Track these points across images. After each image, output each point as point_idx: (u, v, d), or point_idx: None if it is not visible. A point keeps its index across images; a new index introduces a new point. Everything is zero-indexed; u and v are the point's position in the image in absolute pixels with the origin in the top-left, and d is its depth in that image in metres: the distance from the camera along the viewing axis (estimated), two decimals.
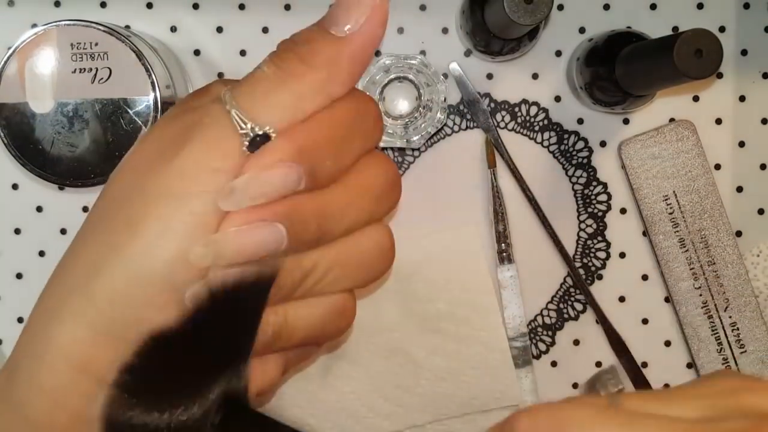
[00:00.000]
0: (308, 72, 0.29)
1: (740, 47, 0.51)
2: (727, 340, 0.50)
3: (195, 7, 0.50)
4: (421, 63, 0.48)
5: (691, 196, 0.50)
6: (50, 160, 0.42)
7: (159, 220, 0.28)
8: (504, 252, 0.51)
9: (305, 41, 0.30)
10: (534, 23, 0.40)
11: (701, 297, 0.50)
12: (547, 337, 0.52)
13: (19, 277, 0.52)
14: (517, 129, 0.51)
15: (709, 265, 0.49)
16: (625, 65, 0.45)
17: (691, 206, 0.49)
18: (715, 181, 0.50)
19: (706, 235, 0.49)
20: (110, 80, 0.42)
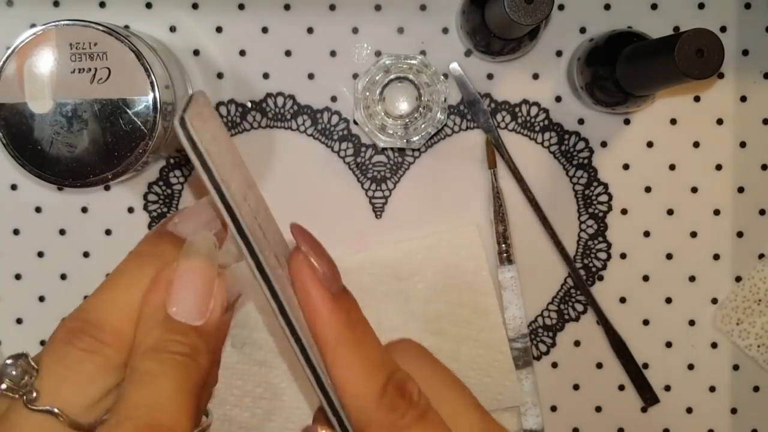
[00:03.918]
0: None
1: (741, 47, 0.51)
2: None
3: (194, 7, 0.50)
4: (421, 63, 0.48)
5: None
6: (49, 160, 0.42)
7: None
8: (505, 253, 0.51)
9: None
10: (534, 23, 0.40)
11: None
12: (548, 338, 0.52)
13: (18, 278, 0.52)
14: (517, 129, 0.51)
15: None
16: (626, 65, 0.45)
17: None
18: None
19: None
20: (109, 80, 0.42)
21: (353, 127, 0.51)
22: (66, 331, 0.26)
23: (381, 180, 0.51)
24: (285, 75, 0.51)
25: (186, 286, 0.27)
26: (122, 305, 0.27)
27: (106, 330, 0.26)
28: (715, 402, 0.53)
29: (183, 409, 0.26)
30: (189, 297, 0.27)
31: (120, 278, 0.28)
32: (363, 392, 0.26)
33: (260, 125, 0.51)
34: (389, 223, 0.52)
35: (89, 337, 0.26)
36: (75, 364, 0.26)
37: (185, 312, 0.27)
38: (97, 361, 0.26)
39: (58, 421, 0.25)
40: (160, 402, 0.25)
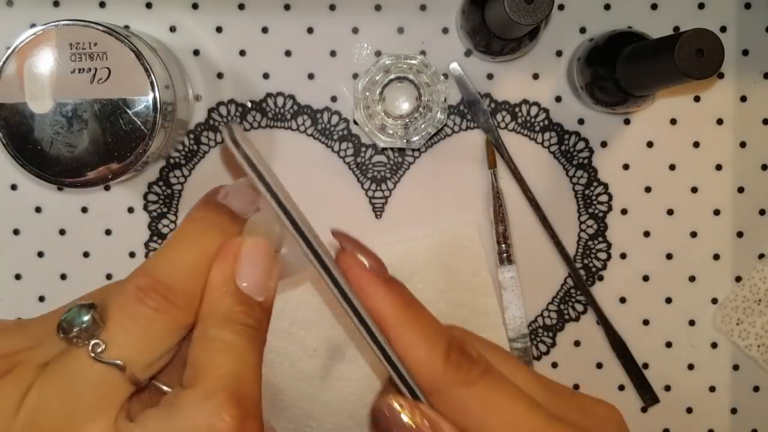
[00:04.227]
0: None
1: (741, 47, 0.51)
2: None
3: (194, 6, 0.50)
4: (421, 63, 0.48)
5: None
6: (49, 160, 0.42)
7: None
8: (504, 253, 0.51)
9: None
10: (534, 23, 0.40)
11: None
12: (548, 338, 0.52)
13: (17, 278, 0.52)
14: (517, 129, 0.51)
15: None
16: (626, 65, 0.45)
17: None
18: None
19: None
20: (109, 80, 0.42)
21: (353, 127, 0.51)
22: (137, 288, 0.27)
23: (381, 180, 0.51)
24: (285, 75, 0.51)
25: (252, 262, 0.28)
26: (189, 268, 0.28)
27: (177, 291, 0.27)
28: (715, 402, 0.53)
29: (258, 379, 0.27)
30: (255, 273, 0.28)
31: (184, 241, 0.29)
32: (429, 358, 0.28)
33: (260, 125, 0.51)
34: (389, 223, 0.52)
35: (161, 296, 0.27)
36: (145, 321, 0.27)
37: (252, 287, 0.28)
38: (166, 321, 0.27)
39: (120, 373, 0.26)
40: (243, 373, 0.27)
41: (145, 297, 0.27)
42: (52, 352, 0.27)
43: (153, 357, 0.27)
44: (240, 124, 0.31)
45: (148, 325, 0.27)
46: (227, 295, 0.28)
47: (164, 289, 0.27)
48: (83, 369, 0.26)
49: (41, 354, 0.27)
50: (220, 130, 0.29)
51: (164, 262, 0.28)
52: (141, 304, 0.27)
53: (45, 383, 0.26)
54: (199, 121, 0.51)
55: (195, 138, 0.51)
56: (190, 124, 0.51)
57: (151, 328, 0.27)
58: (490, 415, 0.27)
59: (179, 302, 0.27)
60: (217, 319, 0.28)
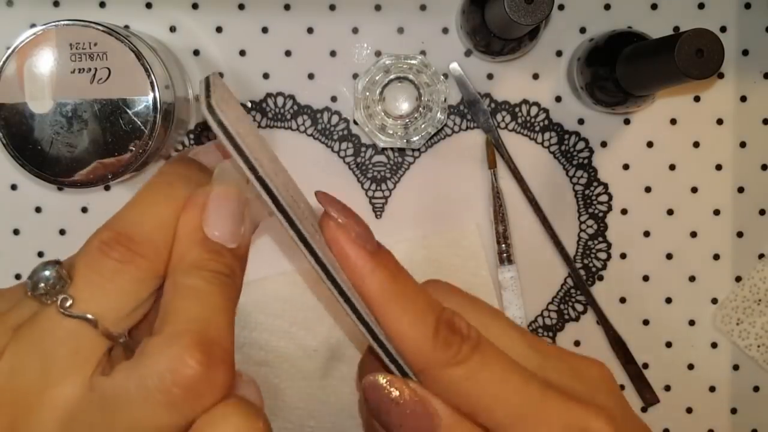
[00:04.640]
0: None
1: (741, 47, 0.51)
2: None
3: (194, 7, 0.50)
4: (421, 63, 0.48)
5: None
6: (49, 160, 0.42)
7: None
8: (504, 253, 0.51)
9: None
10: (534, 23, 0.40)
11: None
12: (548, 338, 0.52)
13: (17, 278, 0.52)
14: (517, 129, 0.51)
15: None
16: (626, 65, 0.45)
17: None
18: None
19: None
20: (109, 80, 0.42)
21: (353, 127, 0.51)
22: (100, 241, 0.27)
23: (381, 180, 0.51)
24: (285, 75, 0.51)
25: (221, 209, 0.28)
26: (155, 218, 0.28)
27: (141, 242, 0.27)
28: (715, 402, 0.53)
29: (229, 327, 0.27)
30: (224, 220, 0.28)
31: (150, 193, 0.29)
32: (417, 336, 0.27)
33: (260, 125, 0.51)
34: (389, 223, 0.52)
35: (124, 247, 0.27)
36: (111, 274, 0.26)
37: (221, 234, 0.28)
38: (132, 272, 0.26)
39: (92, 328, 0.26)
40: (211, 318, 0.26)
41: (109, 249, 0.26)
42: (26, 314, 0.26)
43: (124, 309, 0.27)
44: (220, 78, 0.29)
45: (113, 277, 0.26)
46: (195, 243, 0.27)
47: (127, 240, 0.27)
48: (54, 326, 0.26)
49: (15, 317, 0.26)
50: (199, 85, 0.28)
51: (128, 214, 0.28)
52: (105, 257, 0.26)
53: (17, 344, 0.26)
54: (199, 121, 0.51)
55: (195, 138, 0.51)
56: (190, 124, 0.51)
57: (117, 280, 0.26)
58: (482, 392, 0.27)
59: (144, 252, 0.27)
60: (186, 267, 0.27)
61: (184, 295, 0.26)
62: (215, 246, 0.28)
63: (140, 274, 0.27)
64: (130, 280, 0.27)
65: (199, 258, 0.27)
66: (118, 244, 0.27)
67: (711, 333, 0.53)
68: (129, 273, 0.26)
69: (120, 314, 0.26)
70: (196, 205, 0.28)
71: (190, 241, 0.28)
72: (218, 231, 0.28)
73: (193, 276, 0.27)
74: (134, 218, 0.28)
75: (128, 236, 0.27)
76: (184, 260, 0.27)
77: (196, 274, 0.27)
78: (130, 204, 0.28)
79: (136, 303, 0.27)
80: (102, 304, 0.26)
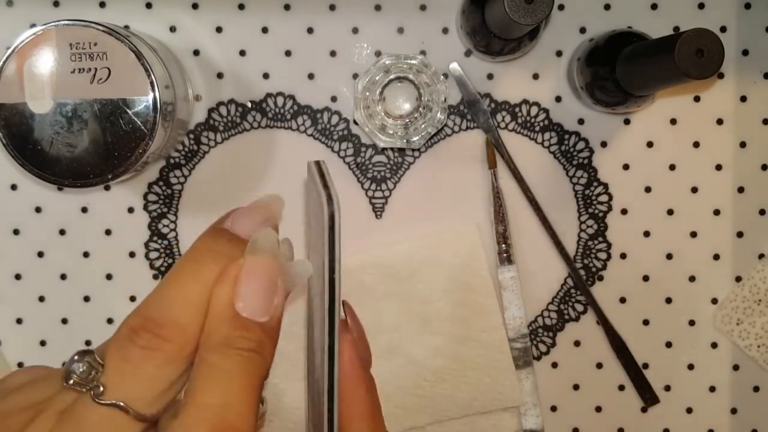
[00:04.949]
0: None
1: (741, 47, 0.51)
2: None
3: (194, 7, 0.50)
4: (421, 63, 0.48)
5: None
6: (49, 160, 0.42)
7: None
8: (504, 253, 0.51)
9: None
10: (534, 23, 0.40)
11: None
12: (548, 338, 0.52)
13: (18, 278, 0.52)
14: (517, 129, 0.51)
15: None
16: (626, 65, 0.45)
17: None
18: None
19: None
20: (109, 80, 0.41)
21: (353, 127, 0.51)
22: (128, 328, 0.27)
23: (381, 180, 0.51)
24: (285, 75, 0.51)
25: (252, 282, 0.28)
26: (182, 300, 0.28)
27: (167, 326, 0.27)
28: (715, 402, 0.53)
29: (251, 406, 0.27)
30: (255, 294, 0.28)
31: (179, 274, 0.29)
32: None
33: (260, 125, 0.51)
34: (389, 223, 0.52)
35: (150, 333, 0.27)
36: (138, 361, 0.27)
37: (252, 308, 0.28)
38: (159, 357, 0.27)
39: (124, 414, 0.27)
40: (231, 402, 0.27)
41: (136, 336, 0.27)
42: (69, 399, 0.28)
43: (155, 392, 0.27)
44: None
45: (141, 363, 0.27)
46: (225, 320, 0.28)
47: (153, 326, 0.27)
48: (90, 413, 0.27)
49: (61, 401, 0.28)
50: (330, 199, 0.30)
51: (156, 298, 0.28)
52: (132, 344, 0.27)
53: (60, 430, 0.27)
54: (199, 121, 0.51)
55: (195, 138, 0.51)
56: (190, 124, 0.51)
57: (144, 366, 0.27)
58: None
59: (170, 336, 0.27)
60: (213, 345, 0.28)
61: (207, 375, 0.27)
62: (244, 322, 0.28)
63: (167, 358, 0.27)
64: (157, 365, 0.27)
65: (227, 335, 0.28)
66: (144, 330, 0.27)
67: (711, 333, 0.53)
68: (156, 358, 0.27)
69: (151, 397, 0.27)
70: (229, 278, 0.28)
71: (220, 317, 0.28)
72: (249, 305, 0.28)
73: (218, 354, 0.27)
74: (162, 301, 0.28)
75: (154, 321, 0.27)
76: (213, 337, 0.28)
77: (222, 352, 0.27)
78: (160, 285, 0.29)
79: (168, 384, 0.28)
80: (132, 390, 0.27)
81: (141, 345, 0.27)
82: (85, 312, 0.52)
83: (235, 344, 0.27)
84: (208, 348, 0.28)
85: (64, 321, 0.52)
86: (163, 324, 0.27)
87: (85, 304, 0.52)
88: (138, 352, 0.27)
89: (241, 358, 0.27)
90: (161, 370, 0.27)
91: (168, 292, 0.28)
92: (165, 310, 0.28)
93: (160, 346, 0.27)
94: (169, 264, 0.51)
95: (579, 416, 0.53)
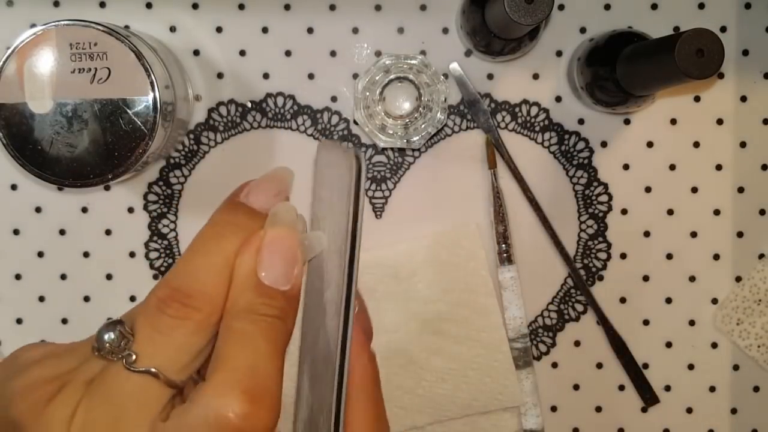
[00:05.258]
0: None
1: (741, 47, 0.51)
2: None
3: (194, 7, 0.50)
4: (421, 63, 0.48)
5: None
6: (49, 160, 0.42)
7: None
8: (504, 253, 0.51)
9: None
10: (534, 23, 0.40)
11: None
12: (548, 338, 0.52)
13: (18, 278, 0.52)
14: (517, 129, 0.51)
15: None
16: (626, 65, 0.45)
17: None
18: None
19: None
20: (109, 80, 0.41)
21: (353, 127, 0.51)
22: (157, 299, 0.28)
23: (381, 180, 0.51)
24: (285, 75, 0.51)
25: (274, 253, 0.30)
26: (207, 270, 0.29)
27: (195, 296, 0.29)
28: (715, 402, 0.53)
29: (277, 369, 0.29)
30: (277, 263, 0.29)
31: (202, 245, 0.30)
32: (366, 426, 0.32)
33: (260, 125, 0.51)
34: (389, 223, 0.52)
35: (179, 303, 0.28)
36: (168, 330, 0.28)
37: (274, 277, 0.29)
38: (188, 326, 0.28)
39: (156, 380, 0.28)
40: (259, 364, 0.28)
41: (165, 306, 0.28)
42: (98, 368, 0.28)
43: (184, 360, 0.28)
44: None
45: (171, 332, 0.28)
46: (248, 288, 0.29)
47: (182, 296, 0.28)
48: (121, 381, 0.27)
49: (87, 371, 0.28)
50: (356, 155, 0.32)
51: (182, 269, 0.29)
52: (162, 314, 0.28)
53: (90, 399, 0.27)
54: (199, 121, 0.51)
55: (195, 138, 0.51)
56: (190, 124, 0.51)
57: (175, 335, 0.28)
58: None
59: (198, 305, 0.28)
60: (238, 311, 0.29)
61: (234, 341, 0.28)
62: (267, 290, 0.29)
63: (196, 326, 0.28)
64: (186, 334, 0.28)
65: (251, 302, 0.29)
66: (173, 300, 0.28)
67: (711, 333, 0.53)
68: (185, 327, 0.28)
69: (181, 365, 0.28)
70: (251, 249, 0.30)
71: (243, 285, 0.29)
72: (272, 274, 0.29)
73: (244, 320, 0.29)
74: (188, 271, 0.29)
75: (182, 291, 0.28)
76: (237, 304, 0.29)
77: (247, 318, 0.29)
78: (184, 257, 0.30)
79: (196, 352, 0.29)
80: (163, 357, 0.28)
81: (171, 314, 0.28)
82: (85, 312, 0.52)
83: (259, 311, 0.29)
84: (233, 315, 0.29)
85: (64, 321, 0.52)
86: (191, 294, 0.28)
87: (85, 304, 0.52)
88: (168, 321, 0.28)
89: (266, 324, 0.29)
90: (191, 338, 0.28)
91: (193, 263, 0.29)
92: (192, 281, 0.29)
93: (190, 315, 0.28)
94: (169, 264, 0.51)
95: (579, 416, 0.53)
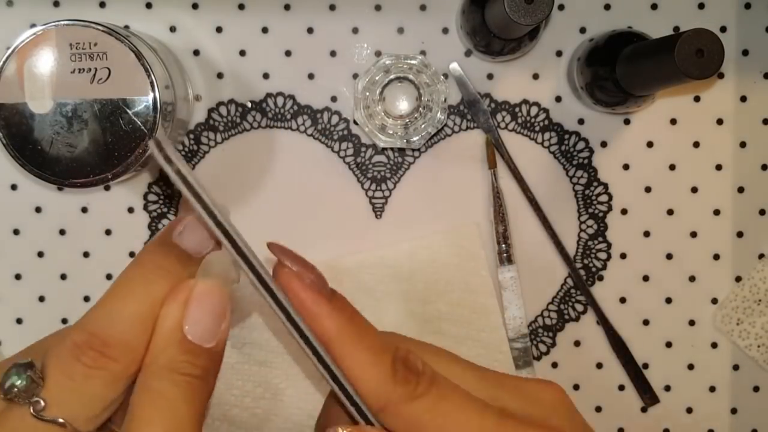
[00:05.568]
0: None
1: (741, 47, 0.51)
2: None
3: (194, 7, 0.50)
4: (421, 63, 0.48)
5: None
6: (49, 160, 0.42)
7: None
8: (504, 253, 0.51)
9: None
10: (534, 23, 0.40)
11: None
12: (548, 338, 0.52)
13: (18, 278, 0.52)
14: (517, 129, 0.51)
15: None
16: (626, 65, 0.45)
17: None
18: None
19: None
20: (109, 80, 0.42)
21: (353, 127, 0.51)
22: (73, 343, 0.26)
23: (381, 180, 0.51)
24: (285, 75, 0.51)
25: (203, 308, 0.27)
26: (129, 318, 0.27)
27: (113, 345, 0.27)
28: (715, 402, 0.53)
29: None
30: (205, 319, 0.27)
31: (126, 289, 0.28)
32: (375, 375, 0.27)
33: (260, 125, 0.51)
34: (389, 223, 0.52)
35: (95, 352, 0.26)
36: (81, 378, 0.26)
37: (200, 334, 0.27)
38: (104, 377, 0.26)
39: (63, 430, 0.26)
40: (177, 430, 0.26)
41: (81, 353, 0.26)
42: (2, 406, 0.26)
43: (96, 411, 0.27)
44: (168, 138, 0.28)
45: (84, 381, 0.26)
46: (172, 343, 0.27)
47: (99, 344, 0.27)
48: (25, 427, 0.26)
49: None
50: (148, 145, 0.27)
51: (102, 314, 0.28)
52: (76, 362, 0.26)
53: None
54: (199, 121, 0.51)
55: (195, 138, 0.51)
56: (190, 124, 0.51)
57: (88, 385, 0.26)
58: (441, 425, 0.27)
59: (115, 355, 0.27)
60: (158, 369, 0.27)
61: (152, 402, 0.26)
62: (192, 347, 0.27)
63: (112, 378, 0.27)
64: (101, 385, 0.27)
65: (173, 360, 0.27)
66: (90, 348, 0.26)
67: (711, 333, 0.53)
68: (100, 378, 0.26)
69: (91, 415, 0.27)
70: (178, 301, 0.27)
71: (167, 339, 0.27)
72: (198, 330, 0.27)
73: (164, 380, 0.27)
74: (108, 317, 0.27)
75: (100, 339, 0.27)
76: (158, 360, 0.27)
77: (168, 377, 0.27)
78: (106, 298, 0.28)
79: (109, 403, 0.27)
80: (73, 407, 0.26)
81: (86, 363, 0.26)
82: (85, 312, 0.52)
83: (181, 369, 0.27)
84: (152, 372, 0.27)
85: (64, 321, 0.52)
86: (110, 343, 0.27)
87: (85, 304, 0.52)
88: (82, 370, 0.26)
89: (187, 385, 0.27)
90: (105, 389, 0.26)
91: (115, 307, 0.28)
92: (111, 327, 0.27)
93: (106, 365, 0.26)
94: None
95: None
